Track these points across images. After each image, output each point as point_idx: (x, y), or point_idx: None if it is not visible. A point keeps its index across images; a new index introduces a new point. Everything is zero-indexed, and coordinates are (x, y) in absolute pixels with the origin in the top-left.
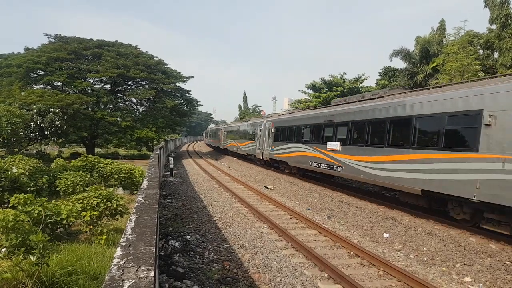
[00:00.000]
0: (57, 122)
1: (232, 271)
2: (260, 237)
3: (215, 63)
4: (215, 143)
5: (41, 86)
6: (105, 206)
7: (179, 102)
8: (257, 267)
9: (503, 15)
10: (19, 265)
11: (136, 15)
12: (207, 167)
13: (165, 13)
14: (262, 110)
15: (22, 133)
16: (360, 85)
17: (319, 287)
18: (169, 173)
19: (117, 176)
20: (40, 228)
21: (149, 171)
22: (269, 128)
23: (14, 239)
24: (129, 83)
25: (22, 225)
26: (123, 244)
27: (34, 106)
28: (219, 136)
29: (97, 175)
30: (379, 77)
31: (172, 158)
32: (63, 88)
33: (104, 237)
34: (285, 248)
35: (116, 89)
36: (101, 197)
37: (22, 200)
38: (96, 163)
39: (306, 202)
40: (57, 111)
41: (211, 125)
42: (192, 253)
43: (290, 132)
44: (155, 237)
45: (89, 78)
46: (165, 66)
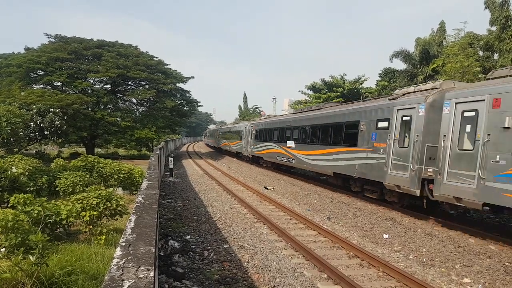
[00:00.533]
0: (57, 122)
1: (231, 271)
2: (259, 237)
3: (215, 63)
4: (212, 143)
5: (41, 86)
6: (104, 206)
7: (179, 102)
8: (257, 267)
9: (503, 16)
10: (18, 265)
11: (136, 15)
12: (206, 167)
13: (165, 13)
14: (262, 111)
15: (21, 133)
16: (360, 86)
17: (318, 287)
18: (168, 173)
19: (116, 176)
20: (39, 228)
21: (149, 171)
22: (251, 130)
23: (14, 239)
24: (129, 83)
25: (22, 225)
26: (123, 244)
27: (34, 106)
28: (215, 136)
29: (96, 175)
30: (379, 78)
31: (172, 159)
32: (63, 88)
33: (104, 237)
34: (284, 248)
35: (116, 89)
36: (100, 197)
37: (22, 200)
38: (96, 163)
39: (305, 203)
40: (57, 111)
41: (211, 126)
42: (191, 253)
43: (265, 134)
44: (154, 237)
45: (89, 78)
46: (165, 66)
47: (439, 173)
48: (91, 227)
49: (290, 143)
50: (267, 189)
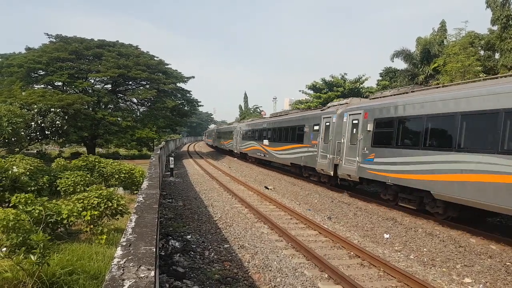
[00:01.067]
0: (58, 122)
1: (232, 271)
2: (260, 237)
3: (215, 63)
4: (210, 142)
5: (42, 86)
6: (105, 206)
7: (179, 102)
8: (257, 267)
9: (504, 16)
10: (19, 264)
11: (136, 15)
12: (207, 167)
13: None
14: (262, 111)
15: (23, 133)
16: (361, 85)
17: (319, 287)
18: (169, 173)
19: (117, 176)
20: (40, 228)
21: (150, 171)
22: (240, 130)
23: (15, 239)
24: (130, 83)
25: (23, 225)
26: (124, 243)
27: (35, 106)
28: (213, 136)
29: (97, 175)
30: (380, 78)
31: (172, 158)
32: (64, 88)
33: (105, 236)
34: (285, 248)
35: (117, 89)
36: (101, 197)
37: (23, 200)
38: (97, 163)
39: (306, 203)
40: (58, 111)
41: (212, 125)
42: (192, 253)
43: (249, 134)
44: (155, 237)
45: (90, 78)
46: (165, 66)
47: (340, 160)
48: (92, 226)
49: (266, 142)
50: (267, 188)
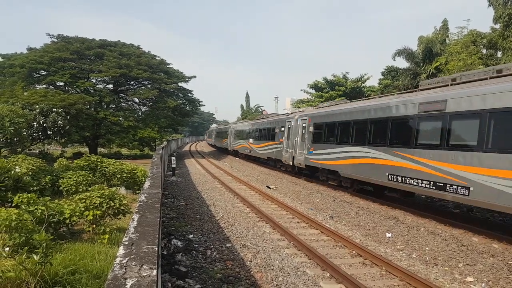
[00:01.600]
0: (59, 122)
1: (234, 270)
2: (262, 236)
3: (216, 63)
4: (210, 141)
5: (44, 86)
6: (107, 206)
7: (181, 102)
8: (259, 266)
9: (506, 14)
10: (22, 264)
11: (136, 15)
12: (209, 166)
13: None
14: (264, 110)
15: (25, 133)
16: (363, 84)
17: (321, 286)
18: (171, 172)
19: (119, 175)
20: (43, 228)
21: (152, 170)
22: (232, 130)
23: (18, 238)
24: (132, 83)
25: (25, 225)
26: (126, 243)
27: (37, 106)
28: (212, 135)
29: (99, 174)
30: (382, 77)
31: (174, 158)
32: (66, 88)
33: (107, 236)
34: (287, 247)
35: (119, 89)
36: (103, 196)
37: (25, 200)
38: (99, 163)
39: (308, 202)
40: (59, 111)
41: (213, 125)
42: (194, 252)
43: (239, 133)
44: (157, 236)
45: (91, 78)
46: (167, 66)
47: (295, 153)
48: (94, 226)
49: (251, 140)
50: (269, 188)
